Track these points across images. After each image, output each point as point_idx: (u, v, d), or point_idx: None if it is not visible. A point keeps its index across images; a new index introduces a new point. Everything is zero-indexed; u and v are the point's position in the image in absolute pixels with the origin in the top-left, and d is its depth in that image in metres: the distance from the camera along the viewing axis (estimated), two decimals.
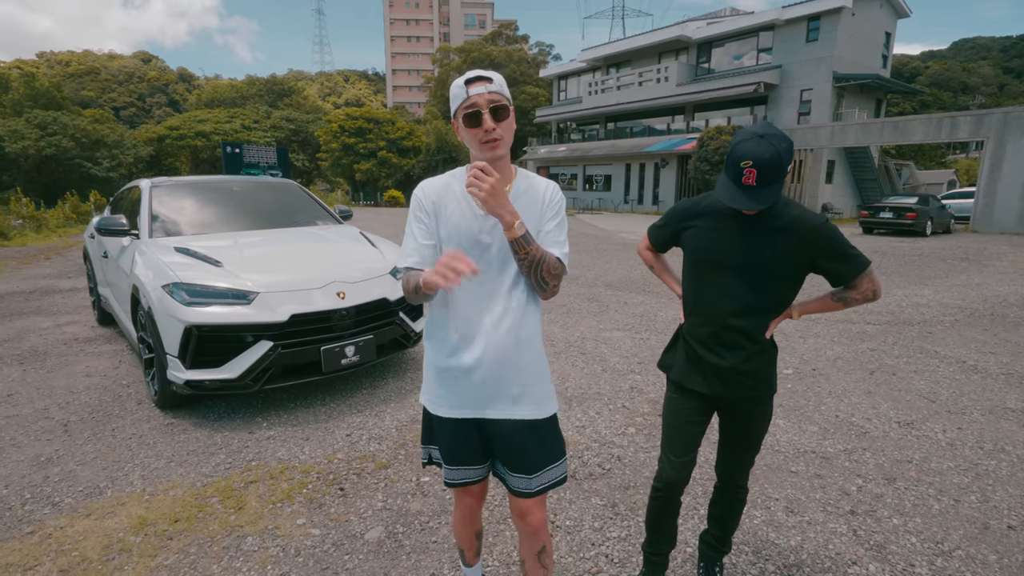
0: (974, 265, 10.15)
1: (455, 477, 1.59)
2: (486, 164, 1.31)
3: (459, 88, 1.39)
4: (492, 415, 1.51)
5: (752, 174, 1.47)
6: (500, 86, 1.40)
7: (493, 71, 1.43)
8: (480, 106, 1.36)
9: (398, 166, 37.64)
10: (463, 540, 1.80)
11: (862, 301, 1.66)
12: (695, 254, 1.74)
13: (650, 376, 4.24)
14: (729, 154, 1.52)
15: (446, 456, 1.58)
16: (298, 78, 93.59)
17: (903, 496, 2.63)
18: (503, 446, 1.54)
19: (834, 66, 22.88)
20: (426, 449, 1.67)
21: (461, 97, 1.38)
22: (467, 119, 1.38)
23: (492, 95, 1.37)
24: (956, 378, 4.25)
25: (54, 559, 2.15)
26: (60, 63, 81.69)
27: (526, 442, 1.52)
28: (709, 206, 1.70)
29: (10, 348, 4.85)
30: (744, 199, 1.51)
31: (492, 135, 1.38)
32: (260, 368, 3.27)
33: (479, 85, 1.37)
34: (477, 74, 1.39)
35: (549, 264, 1.42)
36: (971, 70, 64.20)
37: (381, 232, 10.68)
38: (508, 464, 1.56)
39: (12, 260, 10.41)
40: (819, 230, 1.57)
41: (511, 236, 1.37)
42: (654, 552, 1.97)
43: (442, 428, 1.57)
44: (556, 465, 1.57)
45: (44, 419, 3.42)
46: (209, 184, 5.02)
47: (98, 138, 34.48)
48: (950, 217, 17.09)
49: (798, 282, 1.67)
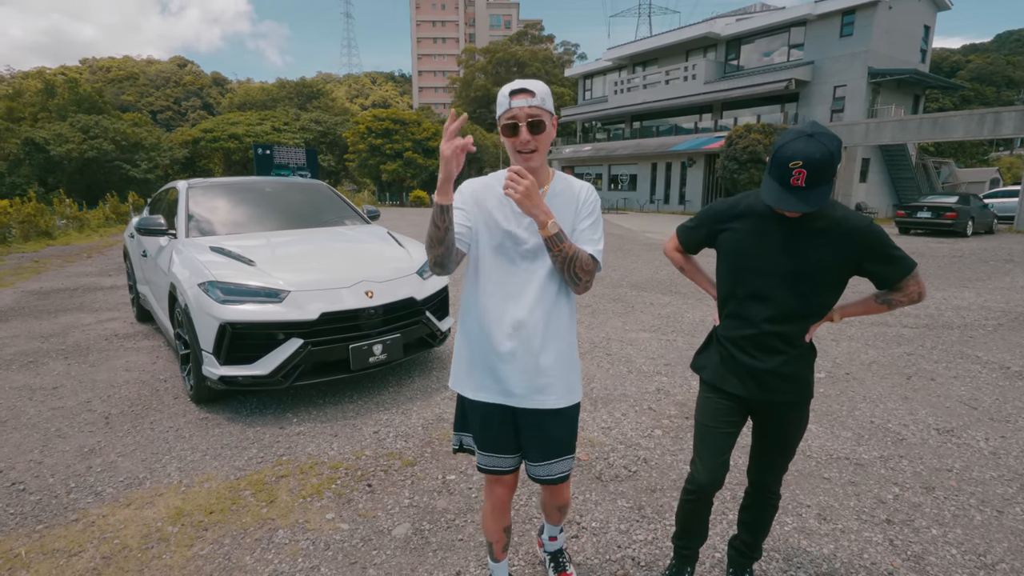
0: (1019, 267, 9.73)
1: (487, 463, 1.68)
2: (522, 168, 1.43)
3: (503, 97, 1.49)
4: (521, 404, 1.59)
5: (802, 175, 1.41)
6: (542, 100, 1.47)
7: (538, 82, 1.50)
8: (519, 119, 1.46)
9: (424, 166, 37.97)
10: (492, 534, 1.82)
11: (907, 303, 1.61)
12: (734, 257, 1.67)
13: (676, 378, 4.19)
14: (775, 155, 1.46)
15: (479, 441, 1.67)
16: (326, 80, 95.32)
17: (943, 506, 2.54)
18: (528, 433, 1.64)
19: (869, 61, 22.19)
20: (457, 436, 1.76)
21: (504, 106, 1.48)
22: (506, 129, 1.48)
23: (532, 109, 1.46)
24: (999, 384, 4.08)
25: (97, 546, 2.24)
26: (101, 69, 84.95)
27: (550, 430, 1.63)
28: (748, 208, 1.64)
29: (56, 343, 5.07)
30: (793, 201, 1.45)
31: (527, 147, 1.48)
32: (291, 365, 3.34)
33: (521, 98, 1.46)
34: (521, 86, 1.47)
35: (582, 261, 1.50)
36: (1016, 64, 61.50)
37: (407, 232, 10.78)
38: (529, 452, 1.67)
39: (57, 258, 10.87)
40: (865, 231, 1.52)
41: (544, 234, 1.46)
42: (684, 546, 1.96)
43: (475, 413, 1.65)
44: (568, 457, 1.70)
45: (87, 411, 3.56)
46: (242, 185, 5.16)
47: (136, 141, 35.76)
48: (993, 217, 16.42)
49: (842, 286, 1.62)
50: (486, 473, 1.70)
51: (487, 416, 1.63)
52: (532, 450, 1.66)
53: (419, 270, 4.08)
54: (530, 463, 1.68)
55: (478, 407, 1.64)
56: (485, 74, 51.37)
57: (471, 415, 1.67)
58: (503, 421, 1.63)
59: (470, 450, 1.73)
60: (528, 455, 1.68)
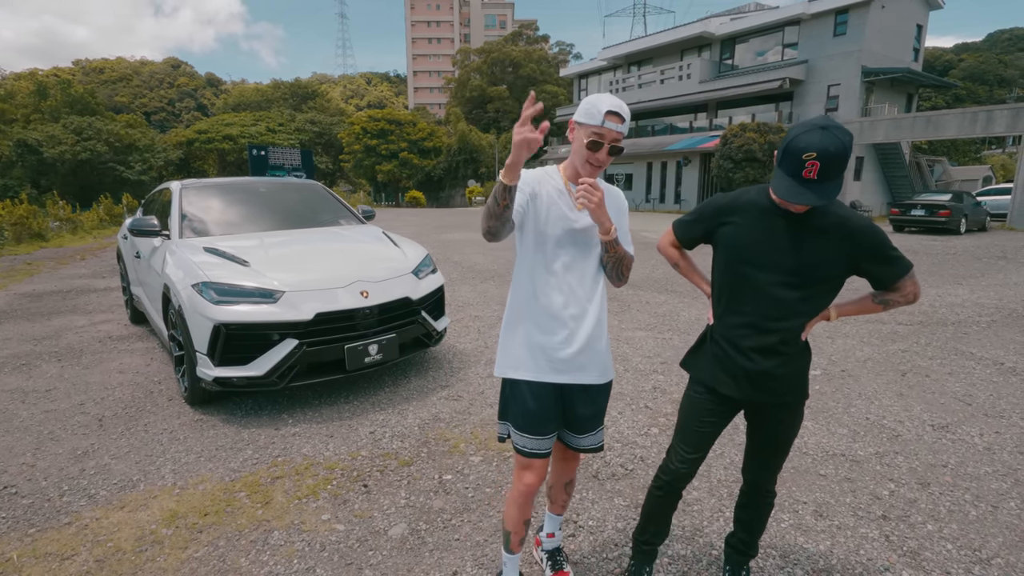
0: (1012, 264, 9.79)
1: (532, 446, 1.75)
2: (594, 181, 1.55)
3: (596, 111, 1.57)
4: (574, 380, 1.73)
5: (815, 167, 1.39)
6: (627, 127, 1.61)
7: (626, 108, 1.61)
8: (605, 139, 1.59)
9: (419, 167, 37.92)
10: (513, 523, 1.83)
11: (902, 304, 1.61)
12: (733, 252, 1.65)
13: (673, 376, 4.19)
14: (787, 147, 1.43)
15: (529, 424, 1.74)
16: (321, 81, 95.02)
17: (938, 501, 2.55)
18: (574, 409, 1.78)
19: (863, 60, 22.29)
20: (504, 425, 1.83)
21: (595, 120, 1.57)
22: (591, 144, 1.59)
23: (619, 135, 1.59)
24: (993, 380, 4.10)
25: (90, 549, 2.22)
26: (95, 70, 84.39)
27: (593, 403, 1.79)
28: (751, 202, 1.63)
29: (48, 345, 5.03)
30: (806, 194, 1.42)
31: (601, 163, 1.62)
32: (286, 366, 3.32)
33: (614, 121, 1.57)
34: (617, 111, 1.57)
35: (629, 260, 1.71)
36: (1008, 62, 61.86)
37: (403, 233, 10.76)
38: (572, 425, 1.81)
39: (50, 261, 10.79)
40: (867, 231, 1.53)
41: (607, 239, 1.64)
42: (645, 542, 1.96)
43: (526, 395, 1.73)
44: (602, 428, 1.88)
45: (80, 414, 3.54)
46: (236, 185, 5.13)
47: (130, 142, 35.57)
48: (986, 214, 16.51)
49: (839, 285, 1.62)
50: (528, 456, 1.75)
51: (541, 398, 1.72)
52: (573, 423, 1.80)
53: (415, 270, 4.07)
54: (576, 435, 1.83)
55: (530, 391, 1.72)
56: (480, 74, 51.31)
57: (520, 398, 1.74)
58: (554, 400, 1.74)
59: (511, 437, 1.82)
60: (570, 427, 1.82)
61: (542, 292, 1.70)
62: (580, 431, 1.82)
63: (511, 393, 1.77)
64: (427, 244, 10.00)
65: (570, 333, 1.70)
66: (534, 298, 1.71)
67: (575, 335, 1.70)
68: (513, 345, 1.75)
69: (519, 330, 1.74)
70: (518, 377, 1.73)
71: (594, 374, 1.75)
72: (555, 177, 1.73)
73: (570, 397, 1.77)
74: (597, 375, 1.75)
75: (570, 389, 1.76)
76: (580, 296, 1.71)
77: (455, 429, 3.31)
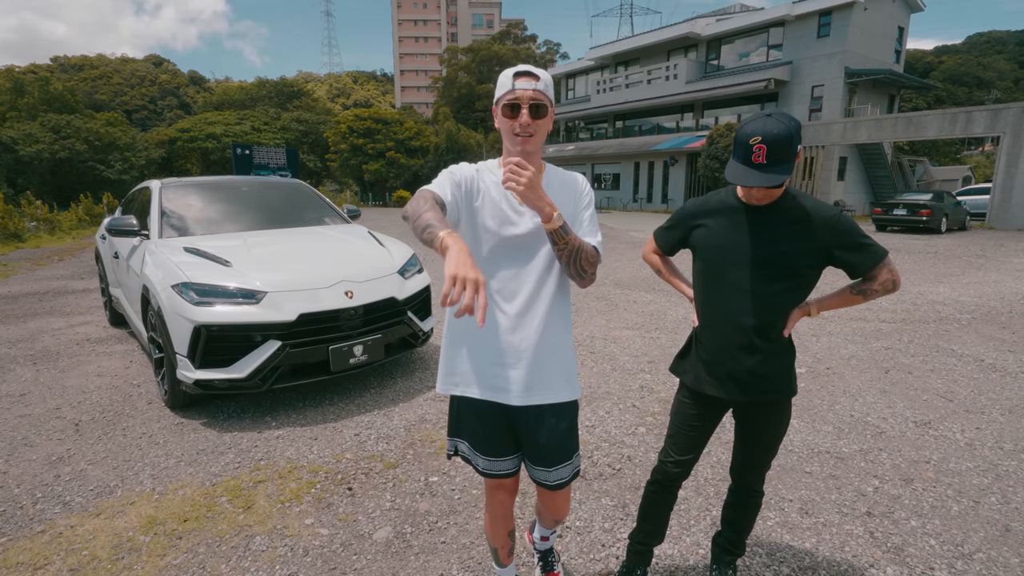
0: (991, 262, 9.97)
1: (488, 467, 1.60)
2: (522, 160, 1.31)
3: (507, 78, 1.43)
4: (520, 401, 1.52)
5: (762, 151, 1.42)
6: (546, 86, 1.43)
7: (542, 70, 1.46)
8: (522, 100, 1.41)
9: (406, 166, 37.68)
10: (496, 539, 1.78)
11: (882, 293, 1.62)
12: (707, 252, 1.69)
13: (660, 375, 4.20)
14: (737, 137, 1.49)
15: (477, 444, 1.60)
16: (307, 80, 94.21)
17: (921, 497, 2.57)
18: (531, 435, 1.58)
19: (846, 62, 22.58)
20: (452, 441, 1.67)
21: (506, 87, 1.43)
22: (506, 109, 1.43)
23: (536, 93, 1.41)
24: (974, 377, 4.16)
25: (64, 558, 2.16)
26: (73, 67, 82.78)
27: (552, 430, 1.57)
28: (720, 203, 1.67)
29: (24, 348, 4.90)
30: (755, 176, 1.46)
31: (527, 130, 1.42)
32: (269, 367, 3.27)
33: (526, 80, 1.41)
34: (527, 69, 1.43)
35: (587, 253, 1.46)
36: (986, 65, 63.09)
37: (390, 233, 10.69)
38: (532, 455, 1.61)
39: (27, 262, 10.55)
40: (832, 220, 1.55)
41: (550, 227, 1.37)
42: (640, 542, 1.96)
43: (470, 414, 1.59)
44: (573, 459, 1.64)
45: (56, 418, 3.45)
46: (218, 184, 5.04)
47: (111, 141, 34.90)
48: (965, 214, 16.81)
49: (814, 277, 1.63)
50: (488, 477, 1.63)
51: (484, 416, 1.57)
52: (532, 452, 1.60)
53: (400, 269, 4.03)
54: (532, 466, 1.62)
55: (472, 409, 1.58)
56: (468, 73, 51.18)
57: (466, 417, 1.60)
58: (499, 420, 1.57)
59: (465, 457, 1.64)
60: (529, 457, 1.62)
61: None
62: (543, 463, 1.59)
63: (458, 411, 1.62)
64: (413, 244, 9.93)
65: (515, 348, 1.50)
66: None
67: (521, 350, 1.50)
68: (454, 360, 1.57)
69: (458, 342, 1.56)
70: (461, 394, 1.57)
71: (546, 394, 1.53)
72: (495, 171, 1.52)
73: (525, 421, 1.56)
74: (550, 394, 1.54)
75: (523, 412, 1.55)
76: (526, 302, 1.50)
77: (441, 430, 3.27)
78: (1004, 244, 12.81)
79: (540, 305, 1.51)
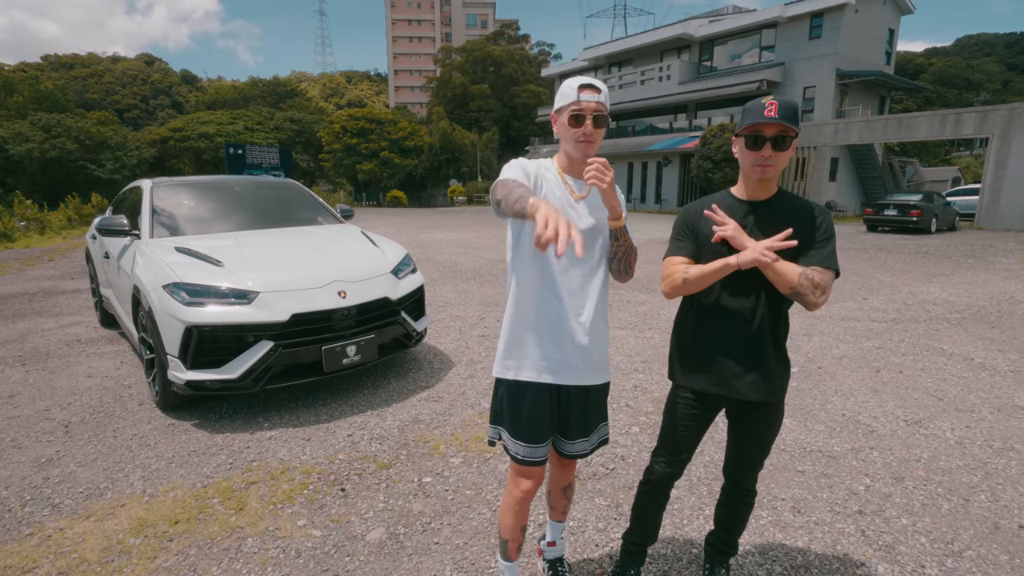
0: (980, 262, 10.07)
1: (528, 454, 1.68)
2: (605, 160, 1.47)
3: (571, 90, 1.57)
4: (573, 381, 1.67)
5: (774, 106, 1.51)
6: (606, 98, 1.59)
7: (601, 82, 1.60)
8: (586, 112, 1.56)
9: (400, 166, 37.61)
10: (510, 531, 1.79)
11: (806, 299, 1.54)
12: (708, 253, 1.69)
13: (654, 375, 4.21)
14: (747, 108, 1.59)
15: (525, 430, 1.67)
16: (300, 79, 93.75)
17: (912, 495, 2.59)
18: (569, 412, 1.72)
19: (837, 63, 22.75)
20: (495, 429, 1.76)
21: (571, 98, 1.56)
22: (571, 119, 1.57)
23: (598, 104, 1.56)
24: (964, 376, 4.20)
25: (53, 561, 2.14)
26: (64, 65, 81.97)
27: (590, 407, 1.74)
28: (719, 202, 1.69)
29: (13, 349, 4.85)
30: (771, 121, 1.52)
31: (590, 138, 1.58)
32: (261, 368, 3.25)
33: (590, 92, 1.55)
34: (590, 82, 1.56)
35: (635, 252, 1.67)
36: (975, 67, 63.75)
37: (384, 232, 10.67)
38: (567, 430, 1.75)
39: (16, 262, 10.44)
40: (822, 211, 1.64)
41: (617, 225, 1.58)
42: (633, 542, 1.97)
43: (523, 399, 1.67)
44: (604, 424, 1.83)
45: (45, 420, 3.41)
46: (210, 184, 5.01)
47: (102, 140, 34.63)
48: (955, 214, 16.97)
49: None
50: (525, 465, 1.69)
51: (536, 398, 1.66)
52: (577, 427, 1.74)
53: (394, 269, 4.02)
54: (568, 441, 1.77)
55: (524, 391, 1.67)
56: (462, 73, 51.14)
57: (516, 401, 1.68)
58: (550, 405, 1.68)
59: (505, 446, 1.73)
60: (570, 433, 1.75)
61: (542, 290, 1.63)
62: (574, 436, 1.76)
63: (506, 396, 1.70)
64: (407, 244, 9.91)
65: (570, 333, 1.63)
66: (534, 296, 1.64)
67: (575, 335, 1.64)
68: (512, 345, 1.68)
69: (518, 329, 1.67)
70: (516, 378, 1.67)
71: (592, 375, 1.70)
72: (551, 170, 1.67)
73: (567, 400, 1.71)
74: (595, 375, 1.70)
75: (567, 392, 1.70)
76: (581, 295, 1.65)
77: (435, 431, 3.27)
78: (993, 244, 12.94)
79: (591, 296, 1.66)
